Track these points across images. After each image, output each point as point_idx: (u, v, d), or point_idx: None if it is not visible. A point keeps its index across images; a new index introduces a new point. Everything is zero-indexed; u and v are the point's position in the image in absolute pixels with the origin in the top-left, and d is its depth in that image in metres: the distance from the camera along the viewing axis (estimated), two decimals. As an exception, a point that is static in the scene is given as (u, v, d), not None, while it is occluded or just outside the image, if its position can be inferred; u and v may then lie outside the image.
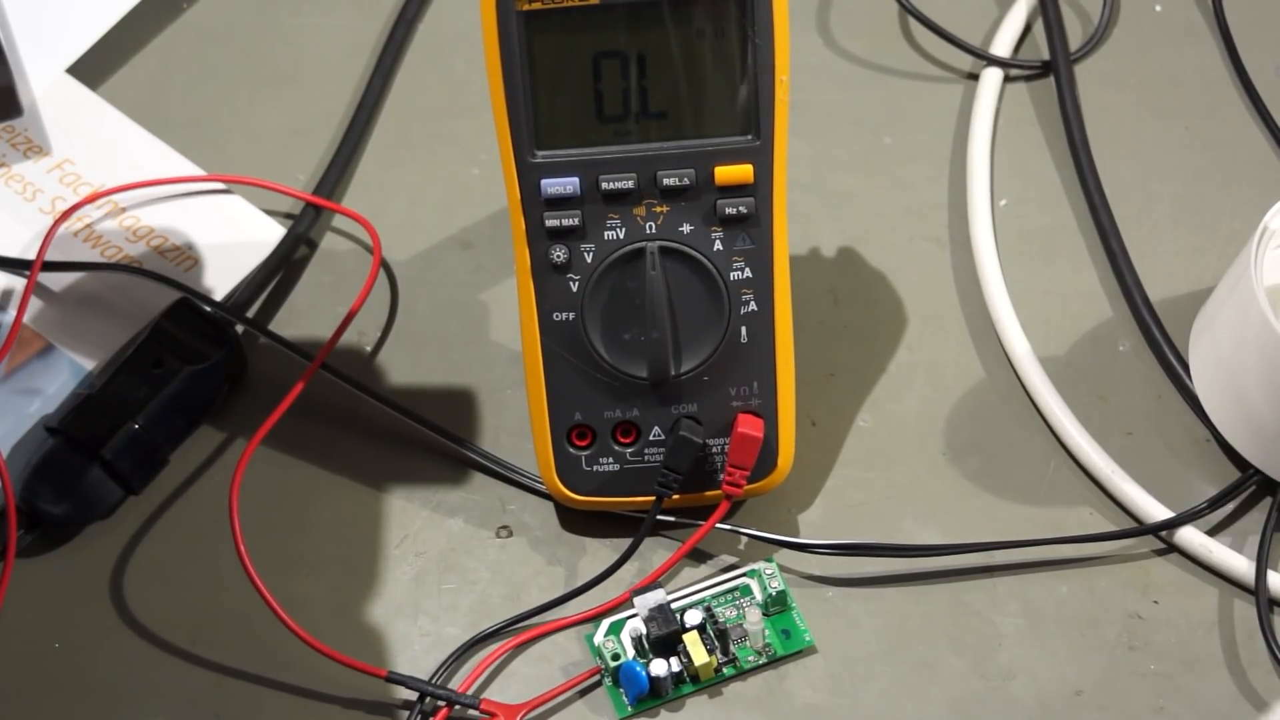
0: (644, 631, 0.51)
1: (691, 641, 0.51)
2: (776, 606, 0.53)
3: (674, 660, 0.51)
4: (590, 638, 0.53)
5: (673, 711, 0.51)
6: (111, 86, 0.68)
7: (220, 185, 0.64)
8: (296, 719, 0.52)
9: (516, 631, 0.53)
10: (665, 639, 0.51)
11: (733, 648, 0.52)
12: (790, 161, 0.50)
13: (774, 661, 0.52)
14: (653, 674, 0.51)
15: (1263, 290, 0.53)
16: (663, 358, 0.51)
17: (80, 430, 0.55)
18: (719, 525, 0.54)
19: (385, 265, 0.63)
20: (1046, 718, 0.51)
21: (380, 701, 0.52)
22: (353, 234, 0.63)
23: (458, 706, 0.51)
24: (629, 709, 0.51)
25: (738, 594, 0.53)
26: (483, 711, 0.51)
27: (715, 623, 0.52)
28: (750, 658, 0.52)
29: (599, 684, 0.52)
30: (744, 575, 0.54)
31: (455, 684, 0.52)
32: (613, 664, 0.51)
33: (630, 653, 0.52)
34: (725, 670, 0.52)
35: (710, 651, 0.51)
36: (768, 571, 0.53)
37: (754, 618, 0.52)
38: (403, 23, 0.70)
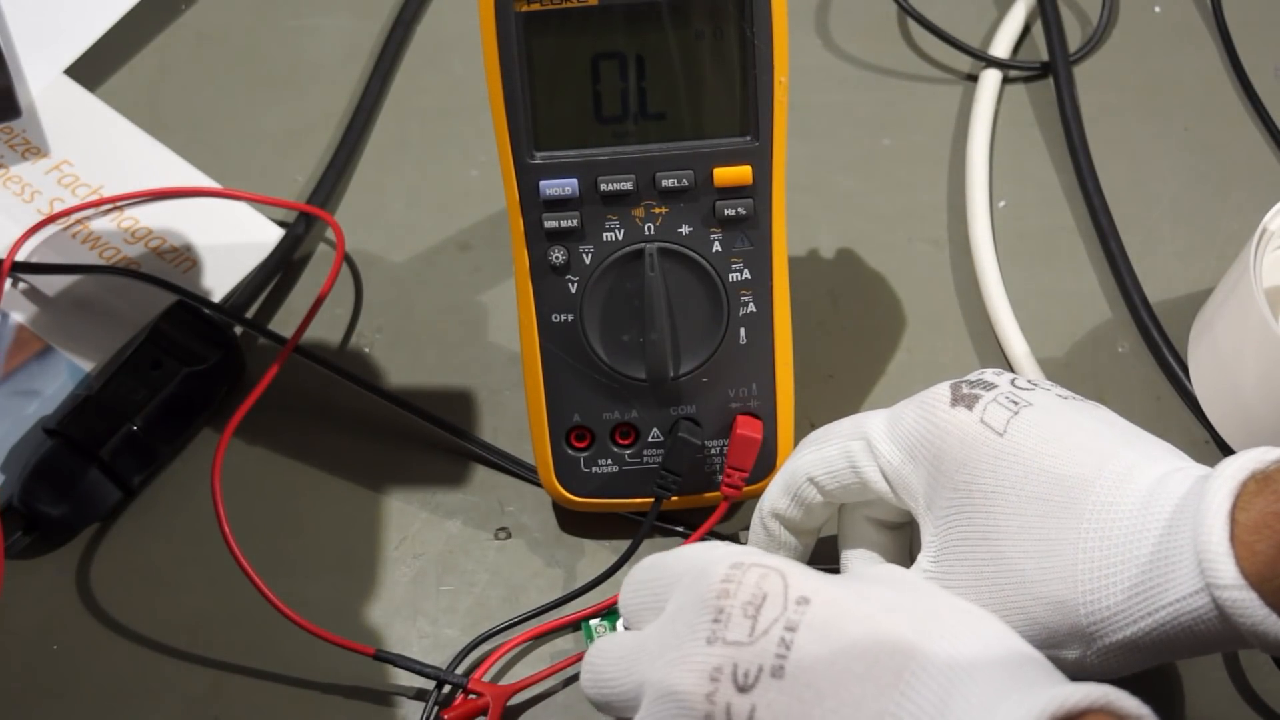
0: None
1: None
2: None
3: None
4: (586, 621, 0.53)
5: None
6: (110, 88, 0.68)
7: (218, 187, 0.64)
8: (295, 716, 0.52)
9: (519, 633, 0.53)
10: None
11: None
12: (789, 163, 0.50)
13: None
14: None
15: (1261, 292, 0.53)
16: (661, 359, 0.51)
17: (78, 432, 0.55)
18: (717, 529, 0.54)
19: (384, 267, 0.63)
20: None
21: (377, 687, 0.52)
22: (353, 237, 0.63)
23: (448, 687, 0.51)
24: None
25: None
26: (471, 691, 0.51)
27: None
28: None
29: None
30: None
31: (454, 685, 0.52)
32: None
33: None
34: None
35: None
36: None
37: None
38: (401, 24, 0.70)
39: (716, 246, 0.51)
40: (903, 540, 0.50)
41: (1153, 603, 0.41)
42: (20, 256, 0.60)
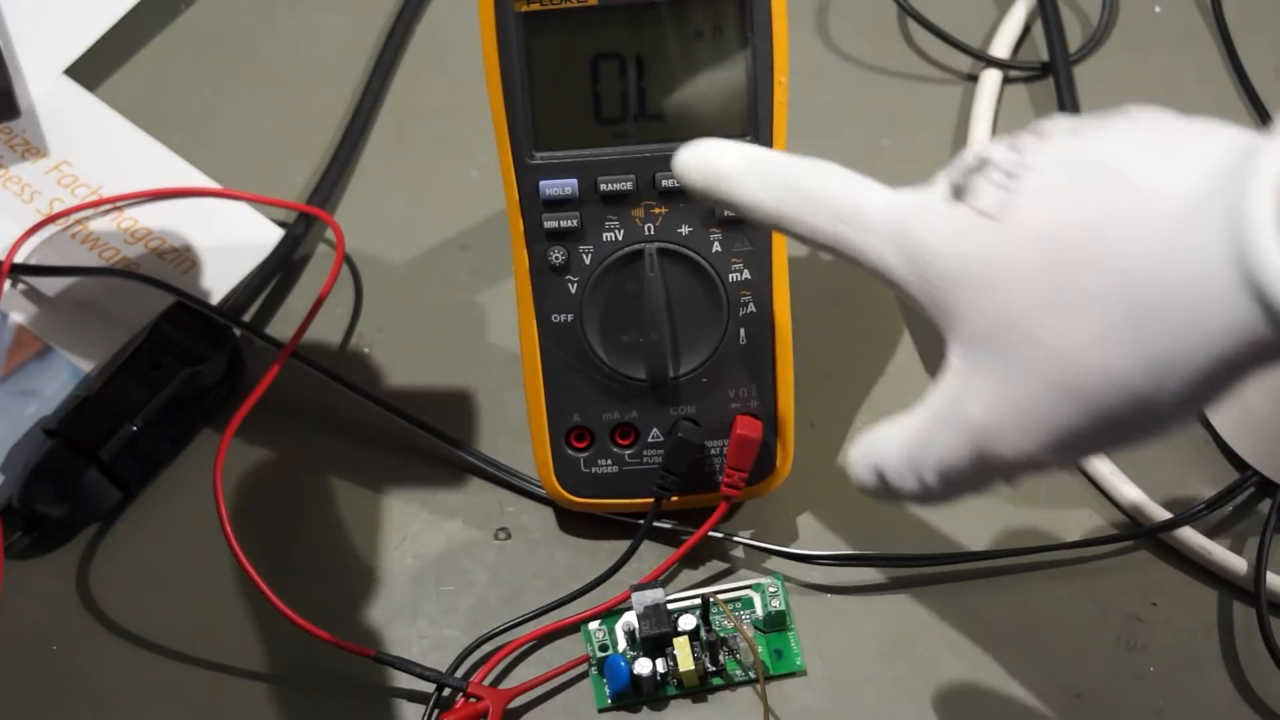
0: (636, 627, 0.51)
1: (680, 646, 0.51)
2: (774, 626, 0.53)
3: (660, 661, 0.51)
4: (586, 624, 0.53)
5: (656, 710, 0.51)
6: (109, 88, 0.68)
7: (218, 187, 0.64)
8: (295, 717, 0.52)
9: (519, 635, 0.53)
10: (656, 639, 0.51)
11: (722, 658, 0.52)
12: (789, 163, 0.50)
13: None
14: (636, 671, 0.51)
15: (1262, 292, 0.53)
16: (661, 359, 0.51)
17: (78, 432, 0.55)
18: (716, 532, 0.54)
19: (384, 267, 0.63)
20: (1046, 720, 0.51)
21: (376, 689, 0.52)
22: (352, 237, 0.63)
23: (448, 690, 0.51)
24: (608, 702, 0.51)
25: (739, 605, 0.53)
26: (471, 695, 0.51)
27: (709, 630, 0.52)
28: (738, 672, 0.52)
29: (588, 673, 0.52)
30: (749, 587, 0.53)
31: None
32: (600, 655, 0.51)
33: (621, 645, 0.52)
34: (712, 680, 0.52)
35: (697, 660, 0.51)
36: (771, 589, 0.53)
37: (748, 635, 0.52)
38: (401, 24, 0.70)
39: (716, 247, 0.51)
40: None
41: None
42: (20, 257, 0.60)
